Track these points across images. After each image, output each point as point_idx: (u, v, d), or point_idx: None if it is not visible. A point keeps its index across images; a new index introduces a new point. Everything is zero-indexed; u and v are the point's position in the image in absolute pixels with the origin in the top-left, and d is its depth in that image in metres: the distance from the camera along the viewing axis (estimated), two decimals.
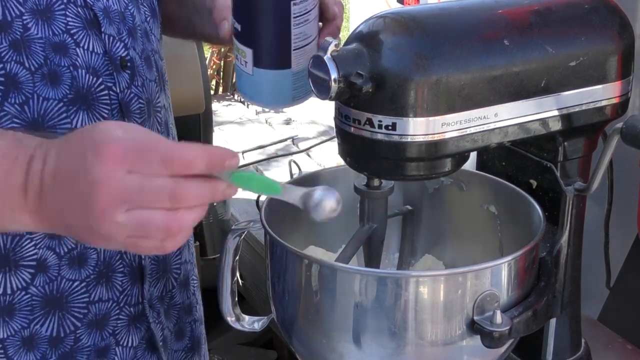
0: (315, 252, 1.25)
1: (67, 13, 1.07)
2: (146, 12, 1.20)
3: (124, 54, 1.12)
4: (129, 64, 1.12)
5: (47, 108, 1.06)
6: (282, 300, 1.14)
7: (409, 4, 2.37)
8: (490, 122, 1.04)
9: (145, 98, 1.16)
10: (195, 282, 1.34)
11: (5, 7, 1.03)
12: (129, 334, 1.20)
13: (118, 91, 1.11)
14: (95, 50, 1.09)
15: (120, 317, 1.18)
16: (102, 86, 1.10)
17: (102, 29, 1.10)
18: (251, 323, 1.24)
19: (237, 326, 1.23)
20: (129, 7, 1.15)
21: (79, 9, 1.08)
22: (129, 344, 1.20)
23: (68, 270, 1.12)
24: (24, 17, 1.04)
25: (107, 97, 1.10)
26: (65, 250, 1.11)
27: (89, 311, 1.15)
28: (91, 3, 1.09)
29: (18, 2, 1.03)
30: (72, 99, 1.07)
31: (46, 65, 1.05)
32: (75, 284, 1.13)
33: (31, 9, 1.04)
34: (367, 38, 1.03)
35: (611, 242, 1.34)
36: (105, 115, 1.10)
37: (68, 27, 1.07)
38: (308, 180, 1.27)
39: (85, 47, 1.08)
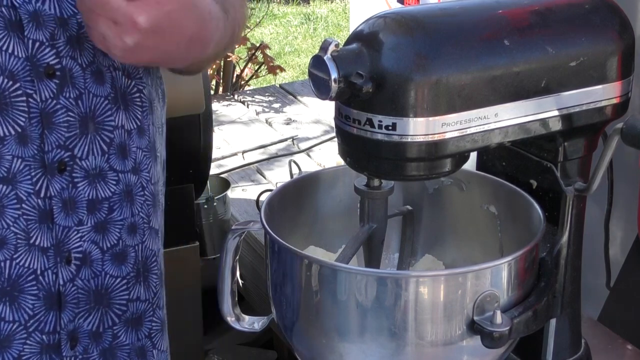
0: (315, 252, 1.25)
1: None
2: None
3: (53, 62, 1.06)
4: (57, 73, 1.07)
5: None
6: (282, 300, 1.14)
7: (409, 4, 2.37)
8: (491, 122, 1.04)
9: (81, 112, 1.10)
10: (156, 324, 1.26)
11: None
12: None
13: (39, 100, 1.06)
14: (16, 54, 1.05)
15: (28, 342, 1.12)
16: (19, 92, 1.05)
17: (25, 33, 1.05)
18: (251, 323, 1.24)
19: (237, 326, 1.23)
20: (78, 16, 1.08)
21: (4, 9, 1.04)
22: None
23: None
24: None
25: (24, 104, 1.06)
26: None
27: None
28: (18, 4, 1.04)
29: None
30: None
31: None
32: None
33: None
34: (367, 38, 1.03)
35: (611, 242, 1.34)
36: (22, 123, 1.06)
37: None
38: (308, 180, 1.28)
39: (4, 48, 1.04)
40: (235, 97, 3.26)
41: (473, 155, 1.19)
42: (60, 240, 1.11)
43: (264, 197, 1.21)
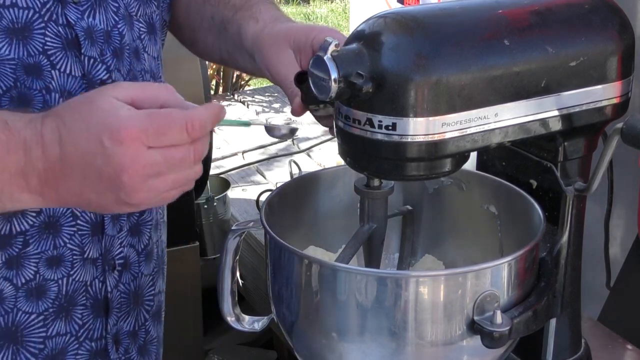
0: (315, 252, 1.25)
1: (47, 32, 1.02)
2: (141, 29, 1.15)
3: (105, 77, 1.07)
4: None
5: None
6: (282, 300, 1.14)
7: (409, 4, 2.37)
8: (491, 122, 1.04)
9: None
10: (164, 313, 1.31)
11: None
12: None
13: None
14: (73, 73, 1.05)
15: (80, 352, 1.14)
16: None
17: (82, 51, 1.05)
18: (251, 323, 1.24)
19: (237, 326, 1.23)
20: (118, 25, 1.10)
21: (60, 28, 1.03)
22: None
23: (25, 303, 1.09)
24: None
25: None
26: (23, 281, 1.08)
27: (46, 346, 1.11)
28: (73, 22, 1.04)
29: None
30: None
31: (16, 87, 1.01)
32: (32, 317, 1.09)
33: (6, 27, 1.00)
34: (367, 38, 1.03)
35: (611, 242, 1.34)
36: None
37: (45, 47, 1.02)
38: (308, 180, 1.28)
39: (62, 69, 1.04)
40: (235, 97, 3.26)
41: (473, 155, 1.19)
42: (108, 249, 1.13)
43: (264, 197, 1.21)
